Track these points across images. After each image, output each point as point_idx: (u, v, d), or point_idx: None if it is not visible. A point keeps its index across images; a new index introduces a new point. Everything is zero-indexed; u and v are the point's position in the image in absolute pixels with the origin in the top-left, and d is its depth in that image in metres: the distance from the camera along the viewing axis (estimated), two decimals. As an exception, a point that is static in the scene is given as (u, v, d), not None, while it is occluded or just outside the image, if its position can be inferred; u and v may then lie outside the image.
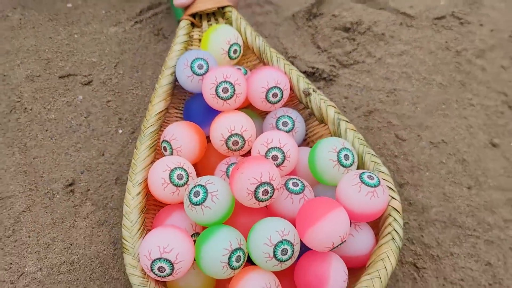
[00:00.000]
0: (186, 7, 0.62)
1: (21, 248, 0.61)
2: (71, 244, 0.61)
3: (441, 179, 0.68)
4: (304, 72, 0.79)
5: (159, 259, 0.40)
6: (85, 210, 0.65)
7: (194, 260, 0.43)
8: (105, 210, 0.65)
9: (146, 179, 0.49)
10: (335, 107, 0.51)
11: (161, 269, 0.41)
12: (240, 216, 0.47)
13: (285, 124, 0.50)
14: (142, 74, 0.80)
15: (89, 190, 0.66)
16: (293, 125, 0.50)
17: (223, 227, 0.43)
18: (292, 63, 0.80)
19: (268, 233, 0.40)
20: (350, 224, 0.45)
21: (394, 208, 0.45)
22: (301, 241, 0.42)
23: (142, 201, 0.48)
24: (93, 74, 0.79)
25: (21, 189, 0.66)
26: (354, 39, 0.85)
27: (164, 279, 0.43)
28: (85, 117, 0.74)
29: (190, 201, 0.43)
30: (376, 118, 0.75)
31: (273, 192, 0.41)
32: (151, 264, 0.41)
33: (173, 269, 0.41)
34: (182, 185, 0.47)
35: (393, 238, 0.44)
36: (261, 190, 0.40)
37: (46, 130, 0.72)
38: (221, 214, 0.43)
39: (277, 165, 0.46)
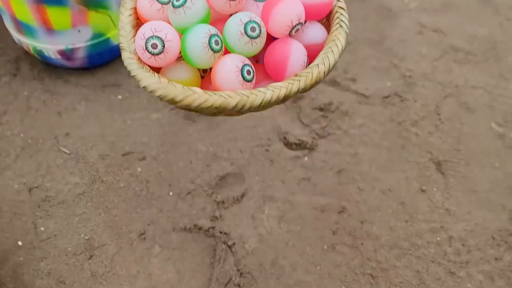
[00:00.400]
0: None
1: (117, 279, 0.93)
2: (150, 274, 0.94)
3: (388, 216, 1.03)
4: (294, 143, 1.14)
5: (151, 36, 0.46)
6: (155, 251, 0.97)
7: (180, 55, 0.48)
8: (168, 250, 0.98)
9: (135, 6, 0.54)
10: None
11: (154, 45, 0.46)
12: (216, 23, 0.51)
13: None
14: (180, 150, 1.13)
15: (155, 237, 0.99)
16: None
17: (203, 23, 0.48)
18: (285, 138, 1.15)
19: (239, 17, 0.46)
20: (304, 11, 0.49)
21: (341, 7, 0.52)
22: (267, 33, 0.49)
23: (133, 19, 0.53)
24: (145, 151, 1.12)
25: (110, 238, 0.99)
26: (327, 116, 1.20)
27: (157, 58, 0.47)
28: (145, 184, 1.07)
29: (173, 5, 0.47)
30: (344, 175, 1.10)
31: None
32: (145, 42, 0.46)
33: (164, 46, 0.46)
34: (166, 3, 0.51)
35: (341, 26, 0.50)
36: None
37: (119, 196, 1.05)
38: (200, 14, 0.47)
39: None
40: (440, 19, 1.51)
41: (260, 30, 0.46)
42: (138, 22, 0.54)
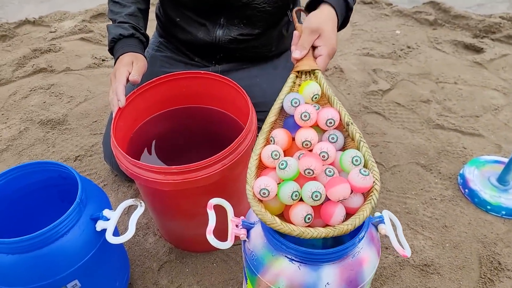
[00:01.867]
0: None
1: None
2: None
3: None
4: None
5: (263, 188, 0.71)
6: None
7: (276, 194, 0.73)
8: None
9: (260, 155, 0.79)
10: (360, 135, 0.81)
11: (264, 193, 0.71)
12: (300, 179, 0.76)
13: (333, 138, 0.81)
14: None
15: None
16: (337, 139, 0.81)
17: (291, 181, 0.73)
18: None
19: (310, 186, 0.71)
20: (351, 192, 0.74)
21: (375, 189, 0.74)
22: (326, 196, 0.74)
23: (256, 163, 0.77)
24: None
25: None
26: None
27: (263, 199, 0.72)
28: None
29: (279, 167, 0.73)
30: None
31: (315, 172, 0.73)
32: (259, 190, 0.71)
33: (269, 193, 0.71)
34: (277, 159, 0.77)
35: (371, 202, 0.71)
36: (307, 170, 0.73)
37: None
38: (292, 175, 0.73)
39: (324, 160, 0.77)
40: None
41: (321, 196, 0.71)
42: (261, 165, 0.79)
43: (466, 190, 1.22)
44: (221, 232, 0.84)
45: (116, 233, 0.87)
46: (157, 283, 1.02)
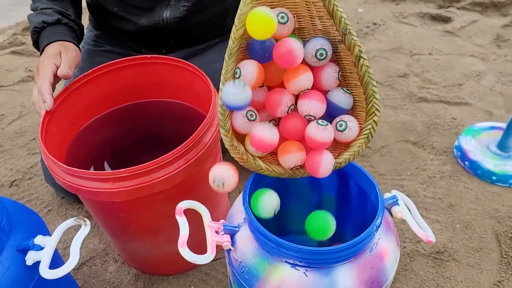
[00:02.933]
0: None
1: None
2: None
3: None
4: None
5: (249, 111, 0.57)
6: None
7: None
8: None
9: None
10: (361, 48, 0.59)
11: (251, 114, 0.57)
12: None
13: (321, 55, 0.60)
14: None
15: None
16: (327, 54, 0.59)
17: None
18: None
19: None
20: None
21: (374, 120, 0.60)
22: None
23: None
24: None
25: None
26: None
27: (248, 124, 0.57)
28: None
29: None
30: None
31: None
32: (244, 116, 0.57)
33: (256, 116, 0.58)
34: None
35: (367, 136, 0.60)
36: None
37: None
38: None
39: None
40: None
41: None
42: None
43: (466, 163, 1.09)
44: (197, 245, 0.66)
45: (59, 264, 0.67)
46: (123, 321, 0.82)
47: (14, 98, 1.43)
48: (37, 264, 0.61)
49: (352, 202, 0.72)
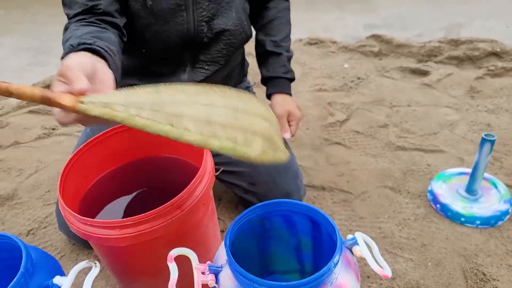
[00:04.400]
0: None
1: None
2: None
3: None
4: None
5: None
6: None
7: None
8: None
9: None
10: None
11: None
12: None
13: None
14: None
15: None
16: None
17: None
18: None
19: None
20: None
21: None
22: None
23: None
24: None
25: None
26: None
27: None
28: None
29: None
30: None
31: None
32: None
33: None
34: None
35: None
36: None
37: None
38: None
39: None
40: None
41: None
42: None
43: (438, 205, 1.20)
44: (190, 286, 0.77)
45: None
46: None
47: (31, 154, 1.58)
48: (57, 301, 0.73)
49: (324, 244, 0.83)
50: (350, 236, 0.75)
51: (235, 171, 1.16)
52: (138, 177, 1.07)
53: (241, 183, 1.17)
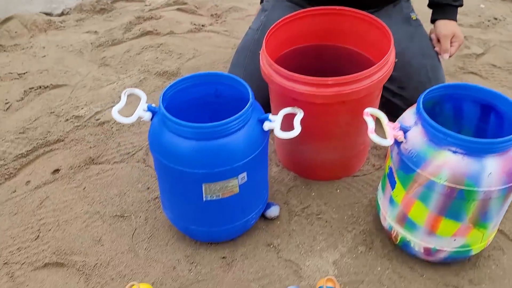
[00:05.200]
0: None
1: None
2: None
3: None
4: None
5: None
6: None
7: None
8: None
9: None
10: None
11: None
12: None
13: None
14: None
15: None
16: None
17: None
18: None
19: None
20: None
21: None
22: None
23: None
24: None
25: None
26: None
27: None
28: None
29: None
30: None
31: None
32: None
33: None
34: None
35: None
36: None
37: None
38: None
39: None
40: None
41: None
42: None
43: None
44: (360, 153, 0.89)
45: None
46: (288, 203, 1.11)
47: (186, 43, 1.78)
48: (266, 133, 0.91)
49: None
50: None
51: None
52: (315, 59, 1.21)
53: (391, 86, 1.27)
